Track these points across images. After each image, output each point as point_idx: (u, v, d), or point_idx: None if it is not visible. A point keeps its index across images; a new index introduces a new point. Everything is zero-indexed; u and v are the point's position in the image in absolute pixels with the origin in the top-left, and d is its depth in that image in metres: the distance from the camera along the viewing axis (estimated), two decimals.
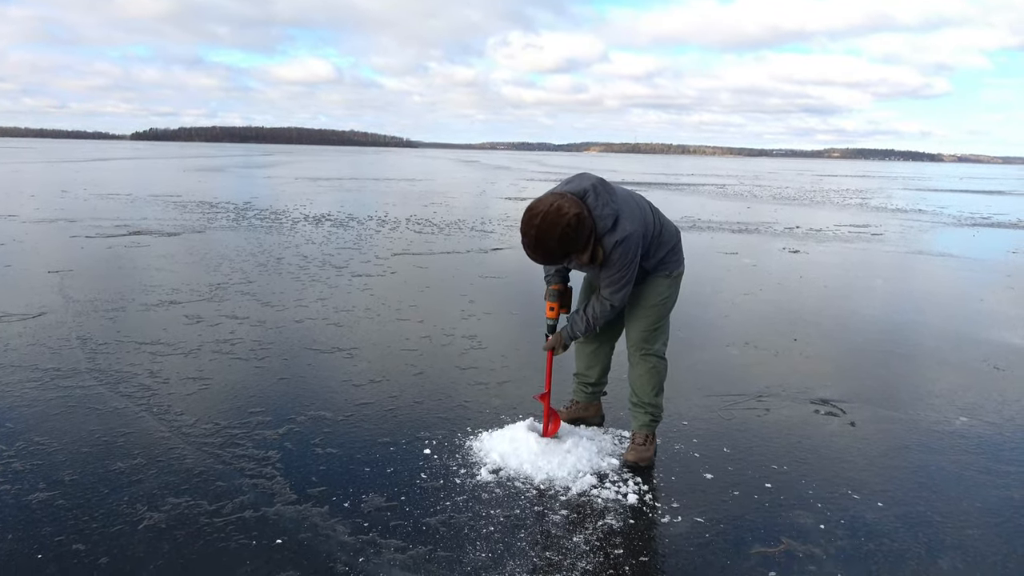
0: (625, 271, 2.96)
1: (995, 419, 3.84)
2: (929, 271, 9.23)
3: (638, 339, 3.23)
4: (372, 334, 5.24)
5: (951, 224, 15.72)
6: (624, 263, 2.94)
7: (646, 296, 3.19)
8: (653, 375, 3.23)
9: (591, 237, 2.85)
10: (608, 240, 2.89)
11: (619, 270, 2.95)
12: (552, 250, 2.81)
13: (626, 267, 2.95)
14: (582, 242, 2.82)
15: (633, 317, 3.24)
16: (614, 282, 2.98)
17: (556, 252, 2.82)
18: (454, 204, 17.55)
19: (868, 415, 3.85)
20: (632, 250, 2.93)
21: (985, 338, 5.63)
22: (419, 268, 8.18)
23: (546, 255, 2.85)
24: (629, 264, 2.95)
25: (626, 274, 2.97)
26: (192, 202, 15.73)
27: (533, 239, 2.80)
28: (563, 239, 2.76)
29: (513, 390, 4.09)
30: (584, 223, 2.79)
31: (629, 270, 2.96)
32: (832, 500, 2.90)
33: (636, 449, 3.22)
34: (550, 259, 2.88)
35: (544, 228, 2.76)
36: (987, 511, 2.85)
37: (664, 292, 3.19)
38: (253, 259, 8.36)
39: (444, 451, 3.26)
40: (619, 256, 2.91)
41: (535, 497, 2.86)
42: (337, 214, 13.94)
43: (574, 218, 2.76)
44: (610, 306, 3.05)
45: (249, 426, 3.48)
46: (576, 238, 2.79)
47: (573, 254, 2.87)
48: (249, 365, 4.42)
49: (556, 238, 2.76)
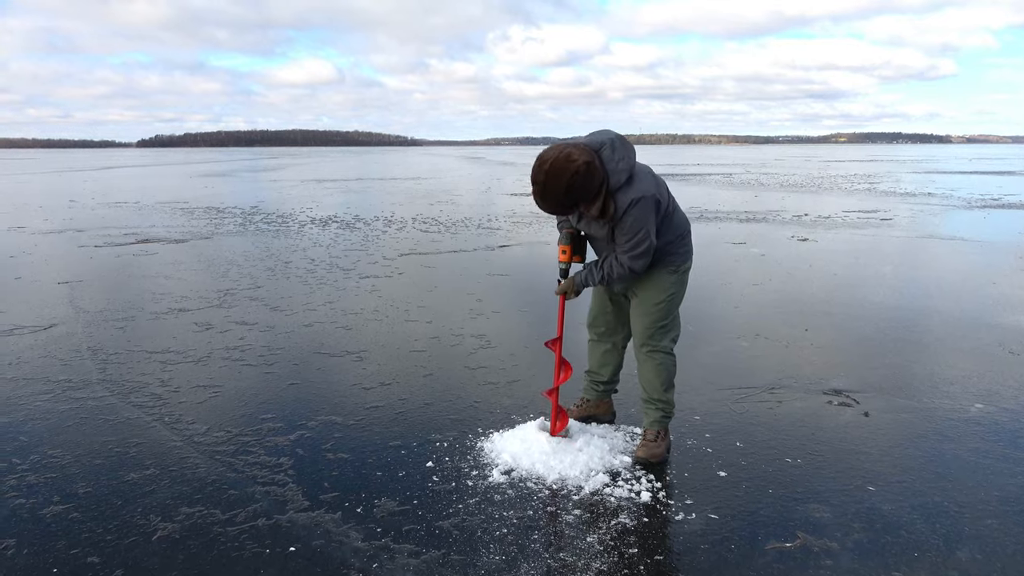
0: (644, 236, 2.90)
1: (1012, 405, 3.80)
2: (940, 255, 9.15)
3: (644, 336, 3.20)
4: (381, 336, 5.24)
5: (961, 207, 15.58)
6: (640, 226, 2.89)
7: (651, 293, 3.15)
8: (661, 371, 3.20)
9: (602, 188, 2.82)
10: (622, 197, 2.85)
11: (636, 234, 2.89)
12: (560, 198, 2.79)
13: (644, 231, 2.90)
14: (591, 192, 2.80)
15: (638, 314, 3.21)
16: (633, 247, 2.93)
17: (564, 200, 2.80)
18: (460, 202, 17.53)
19: (882, 405, 3.82)
20: (647, 213, 2.89)
21: (999, 322, 5.57)
22: (426, 268, 8.17)
23: (554, 204, 2.83)
24: (646, 228, 2.90)
25: (645, 239, 2.91)
26: (199, 208, 15.79)
27: (541, 186, 2.79)
28: (571, 187, 2.75)
29: (523, 389, 4.08)
30: (594, 173, 2.76)
31: (647, 235, 2.91)
32: (847, 492, 2.87)
33: (647, 445, 3.20)
34: (558, 208, 2.86)
35: (552, 175, 2.75)
36: (1005, 500, 2.82)
37: (670, 288, 3.14)
38: (261, 264, 8.38)
39: (455, 453, 3.25)
40: (634, 218, 2.86)
41: (548, 497, 2.85)
42: (343, 215, 13.95)
43: (583, 166, 2.74)
44: (628, 270, 2.99)
45: (260, 433, 3.48)
46: (585, 186, 2.76)
47: (582, 204, 2.85)
48: (259, 371, 4.43)
49: (564, 186, 2.75)
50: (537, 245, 9.99)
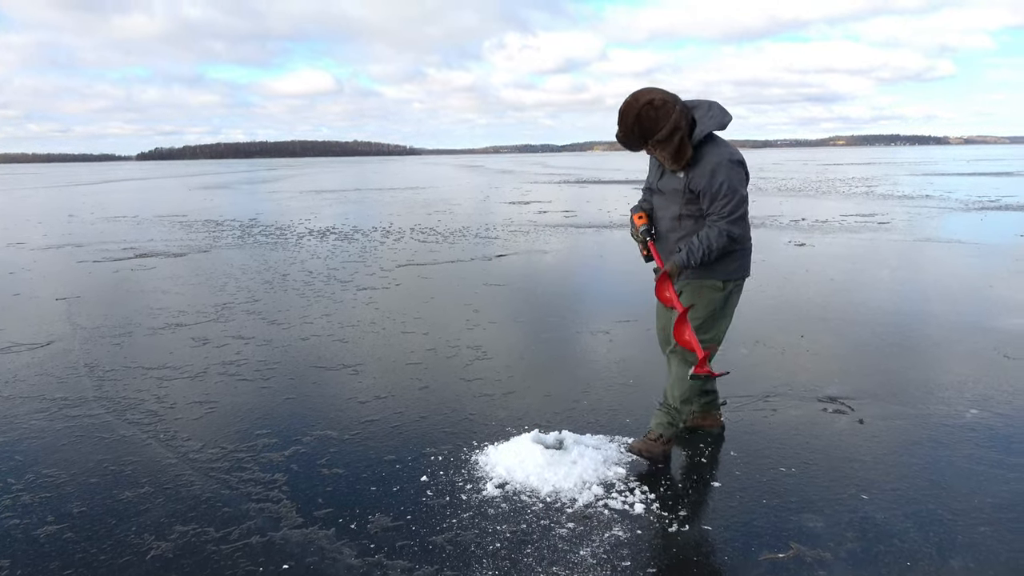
0: (741, 200, 2.94)
1: (1006, 410, 3.80)
2: (937, 259, 9.16)
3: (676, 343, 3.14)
4: (377, 349, 5.25)
5: (959, 209, 15.60)
6: (736, 187, 2.92)
7: (695, 304, 3.11)
8: (682, 383, 3.17)
9: (676, 131, 2.87)
10: (710, 151, 2.92)
11: (733, 197, 2.92)
12: (630, 128, 2.90)
13: (740, 195, 2.94)
14: (662, 129, 2.85)
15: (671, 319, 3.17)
16: (732, 210, 2.94)
17: (634, 131, 2.90)
18: (458, 211, 17.56)
19: (876, 411, 3.82)
20: (741, 176, 2.94)
21: (994, 326, 5.57)
22: (423, 279, 8.19)
23: (625, 133, 2.93)
24: (741, 192, 2.94)
25: (742, 202, 2.95)
26: (198, 221, 15.82)
27: (620, 113, 2.91)
28: (640, 118, 2.86)
29: (518, 401, 4.09)
30: (668, 110, 2.85)
31: (744, 199, 2.95)
32: (841, 501, 2.88)
33: (645, 441, 3.22)
34: (628, 138, 2.94)
35: (627, 104, 2.90)
36: (999, 507, 2.81)
37: (711, 305, 3.11)
38: (259, 277, 8.39)
39: (450, 467, 3.25)
40: (729, 180, 2.90)
41: (541, 511, 2.85)
42: (341, 227, 13.98)
43: (657, 100, 2.86)
44: (728, 236, 2.96)
45: (255, 449, 3.49)
46: (654, 119, 2.85)
47: (651, 139, 2.89)
48: (255, 386, 4.44)
49: (634, 115, 2.87)
50: (535, 254, 10.01)
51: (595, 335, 5.53)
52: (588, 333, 5.61)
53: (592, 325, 5.84)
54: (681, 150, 2.91)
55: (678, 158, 2.93)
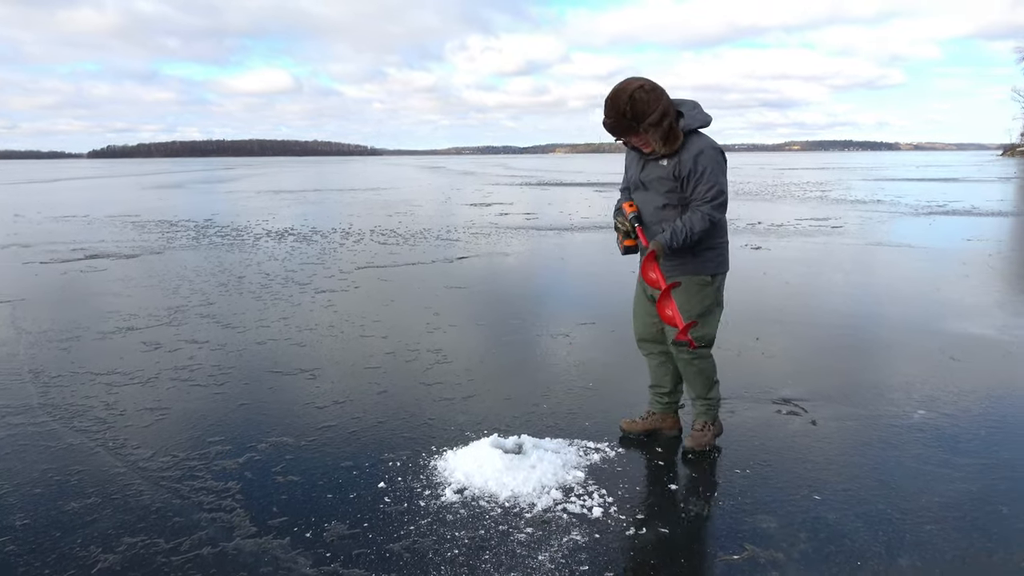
0: (723, 187, 3.06)
1: (952, 411, 3.91)
2: (888, 262, 9.41)
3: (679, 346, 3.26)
4: (335, 353, 5.18)
5: (908, 213, 16.05)
6: (717, 173, 3.05)
7: (688, 304, 3.18)
8: (701, 375, 3.36)
9: (666, 116, 2.97)
10: (695, 139, 3.05)
11: (715, 183, 3.04)
12: (622, 110, 2.95)
13: (720, 178, 3.06)
14: (651, 111, 2.94)
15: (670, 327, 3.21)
16: (715, 196, 3.05)
17: (626, 113, 2.95)
18: (419, 213, 17.47)
19: (829, 413, 3.90)
20: (723, 165, 3.08)
21: (941, 328, 5.74)
22: (383, 281, 8.12)
23: (616, 116, 2.98)
24: (721, 175, 3.07)
25: (724, 190, 3.07)
26: (151, 221, 15.45)
27: (609, 98, 2.99)
28: (633, 100, 2.94)
29: (478, 405, 4.07)
30: (659, 96, 2.96)
31: (725, 187, 3.07)
32: (794, 502, 2.93)
33: (694, 436, 3.41)
34: (620, 122, 2.99)
35: (619, 88, 2.99)
36: (945, 506, 2.89)
37: (705, 300, 3.23)
38: (214, 279, 8.23)
39: (408, 472, 3.22)
40: (713, 167, 3.02)
41: (500, 516, 2.84)
42: (300, 228, 13.79)
43: (648, 85, 2.97)
44: (709, 221, 3.06)
45: (208, 457, 3.41)
46: (647, 102, 2.94)
47: (642, 125, 2.96)
48: (209, 392, 4.34)
49: (627, 97, 2.94)
50: (496, 256, 10.00)
51: (555, 338, 5.55)
52: (548, 336, 5.62)
53: (552, 328, 5.85)
54: (672, 133, 3.02)
55: (670, 141, 3.03)
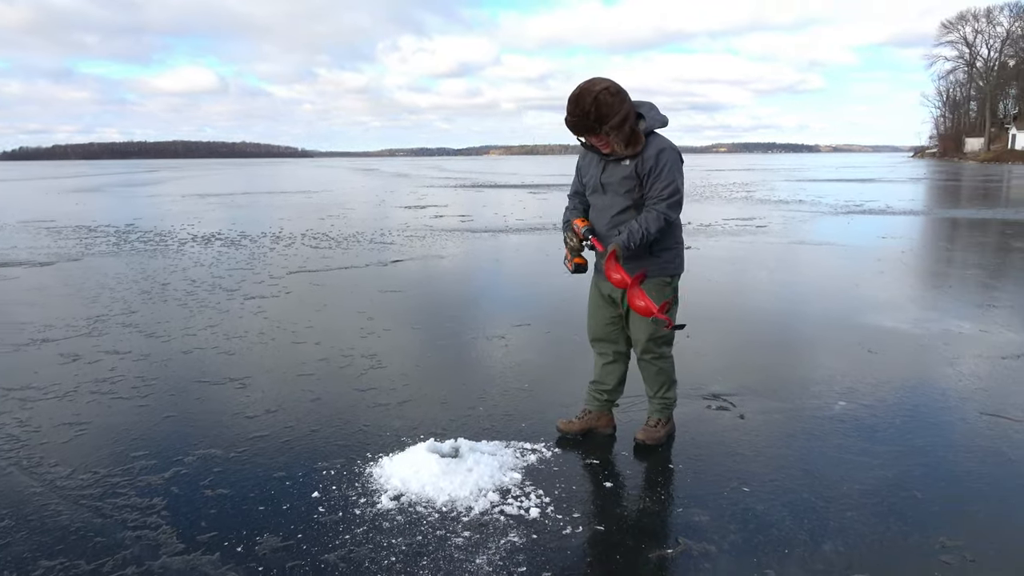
0: (678, 186, 3.15)
1: (870, 401, 4.10)
2: (810, 260, 9.79)
3: (645, 345, 3.41)
4: (266, 360, 5.06)
5: (828, 213, 16.73)
6: (676, 173, 3.15)
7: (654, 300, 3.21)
8: (662, 375, 3.49)
9: (627, 121, 3.05)
10: (655, 140, 3.14)
11: (672, 182, 3.12)
12: (587, 110, 3.00)
13: (677, 177, 3.15)
14: (616, 112, 3.00)
15: (639, 327, 3.37)
16: (671, 194, 3.14)
17: (590, 114, 3.00)
18: (352, 216, 17.22)
19: (757, 407, 4.03)
20: (680, 165, 3.17)
21: (860, 322, 6.00)
22: (316, 286, 7.97)
23: (580, 115, 3.02)
24: (679, 179, 3.16)
25: (679, 189, 3.16)
26: (68, 227, 14.75)
27: (573, 97, 3.03)
28: (598, 102, 2.99)
29: (414, 409, 4.04)
30: (623, 99, 3.04)
31: (680, 186, 3.16)
32: (724, 495, 3.01)
33: (647, 430, 3.52)
34: (582, 122, 3.03)
35: (584, 88, 3.03)
36: (865, 492, 3.03)
37: (667, 298, 3.31)
38: (136, 286, 7.91)
39: (343, 481, 3.17)
40: (670, 166, 3.12)
41: (437, 521, 2.83)
42: (228, 232, 13.41)
43: (613, 88, 3.03)
44: (664, 220, 3.14)
45: (132, 472, 3.28)
46: (611, 105, 3.00)
47: (604, 127, 3.02)
48: (132, 404, 4.17)
49: (592, 99, 2.99)
50: (431, 259, 9.95)
51: (491, 340, 5.55)
52: (484, 338, 5.62)
53: (488, 330, 5.86)
54: (634, 136, 3.10)
55: (632, 143, 3.11)
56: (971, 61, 77.56)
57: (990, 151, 68.08)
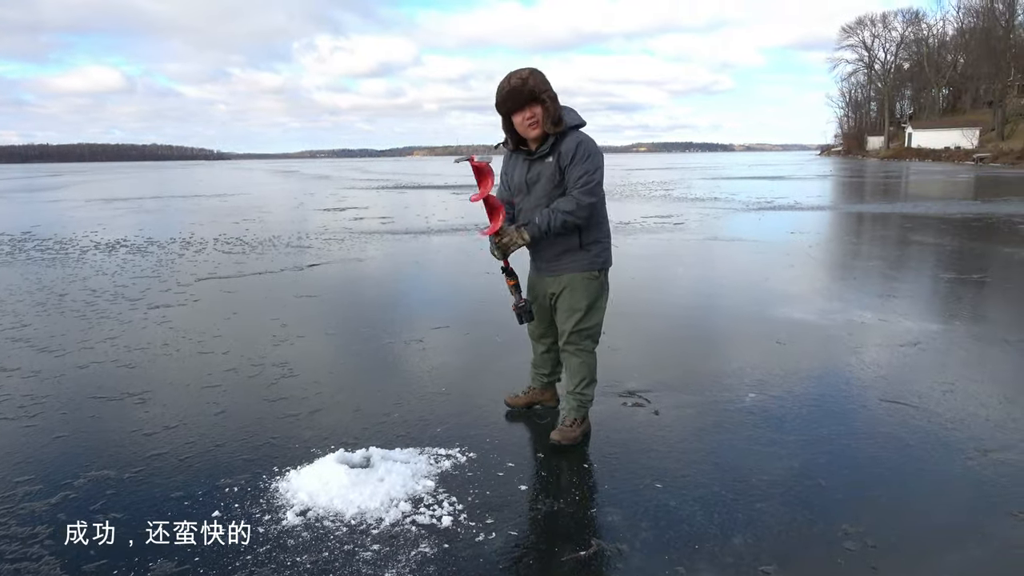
0: (597, 174, 3.24)
1: (779, 392, 4.20)
2: (723, 256, 10.06)
3: (567, 336, 3.49)
4: (169, 373, 4.80)
5: (741, 209, 17.28)
6: (596, 162, 3.24)
7: (575, 298, 3.42)
8: (582, 368, 3.52)
9: (554, 105, 3.19)
10: (573, 135, 3.25)
11: (591, 171, 3.22)
12: (524, 79, 3.14)
13: (597, 169, 3.25)
14: (546, 89, 3.16)
15: (562, 318, 3.49)
16: (587, 181, 3.22)
17: (527, 82, 3.14)
18: (268, 219, 16.71)
19: (671, 402, 4.08)
20: (599, 155, 3.26)
21: (770, 315, 6.18)
22: (227, 293, 7.65)
23: (519, 82, 3.14)
24: (599, 166, 3.25)
25: (596, 176, 3.24)
26: None
27: (506, 77, 3.18)
28: (534, 73, 3.16)
29: (326, 419, 3.90)
30: (550, 86, 3.19)
31: (599, 174, 3.25)
32: (638, 492, 3.02)
33: (562, 430, 3.50)
34: (517, 93, 3.14)
35: (516, 71, 3.19)
36: (773, 483, 3.09)
37: (592, 295, 3.44)
38: (30, 298, 7.42)
39: (247, 498, 3.02)
40: (590, 154, 3.22)
41: (345, 535, 2.72)
42: (134, 239, 12.77)
43: (540, 73, 3.18)
44: (576, 204, 3.22)
45: (14, 500, 3.03)
46: (544, 81, 3.16)
47: (537, 102, 3.16)
48: (18, 425, 3.88)
49: (528, 72, 3.15)
50: (349, 263, 9.73)
51: (408, 344, 5.45)
52: (401, 343, 5.51)
53: (406, 334, 5.74)
54: (559, 117, 3.22)
55: (557, 123, 3.21)
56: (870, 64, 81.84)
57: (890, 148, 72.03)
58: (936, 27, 75.77)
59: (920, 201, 19.22)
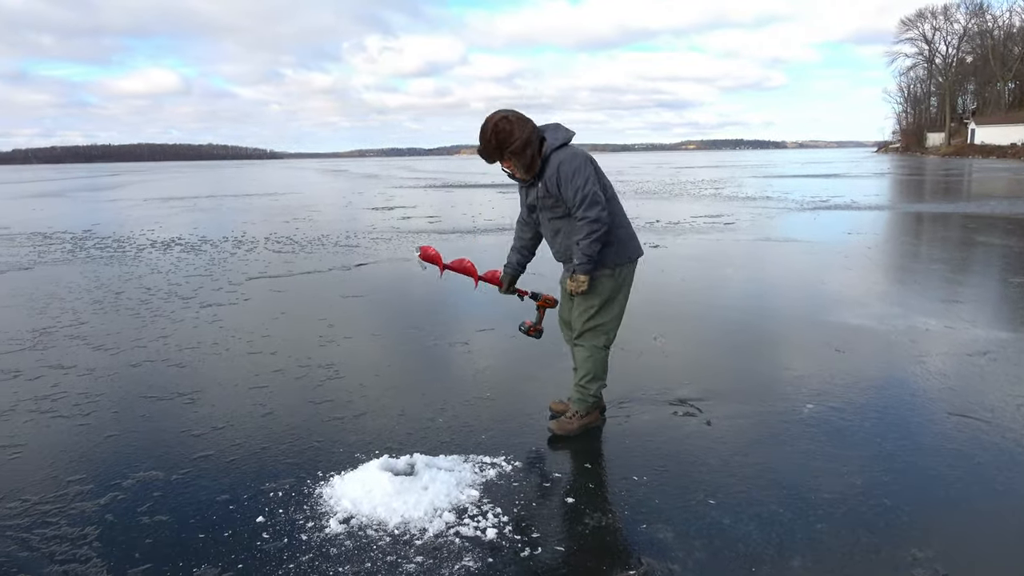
0: (586, 186, 3.26)
1: (838, 403, 4.02)
2: (776, 257, 9.77)
3: (578, 331, 3.56)
4: (219, 372, 4.85)
5: (795, 209, 16.82)
6: (577, 178, 3.26)
7: (590, 293, 3.46)
8: (587, 363, 3.55)
9: (528, 145, 3.28)
10: (553, 158, 3.31)
11: (572, 186, 3.26)
12: (488, 137, 3.28)
13: (584, 180, 3.26)
14: (516, 140, 3.25)
15: (576, 312, 3.56)
16: (581, 199, 3.27)
17: (491, 143, 3.28)
18: (318, 218, 16.93)
19: (723, 412, 3.93)
20: (582, 164, 3.29)
21: (826, 320, 5.96)
22: (276, 292, 7.74)
23: (483, 145, 3.32)
24: (585, 175, 3.26)
25: (586, 187, 3.26)
26: (22, 234, 14.28)
27: (480, 128, 3.32)
28: (497, 129, 3.26)
29: (370, 423, 3.88)
30: (521, 125, 3.27)
31: (588, 183, 3.26)
32: (690, 508, 2.90)
33: (560, 421, 3.62)
34: (486, 149, 3.32)
35: (487, 119, 3.32)
36: (833, 502, 2.93)
37: (605, 292, 3.46)
38: (88, 296, 7.62)
39: (290, 503, 3.00)
40: (572, 169, 3.27)
41: (388, 545, 2.67)
42: (189, 237, 13.06)
43: (512, 116, 3.29)
44: (589, 223, 3.28)
45: (65, 499, 3.08)
46: (508, 132, 3.25)
47: (507, 152, 3.27)
48: (72, 424, 3.95)
49: (491, 127, 3.27)
50: (396, 263, 9.76)
51: (453, 346, 5.40)
52: (446, 345, 5.47)
53: (451, 336, 5.70)
54: (533, 162, 3.33)
55: (530, 168, 3.36)
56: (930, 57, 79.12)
57: (950, 145, 69.47)
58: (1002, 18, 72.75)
59: (985, 200, 18.43)
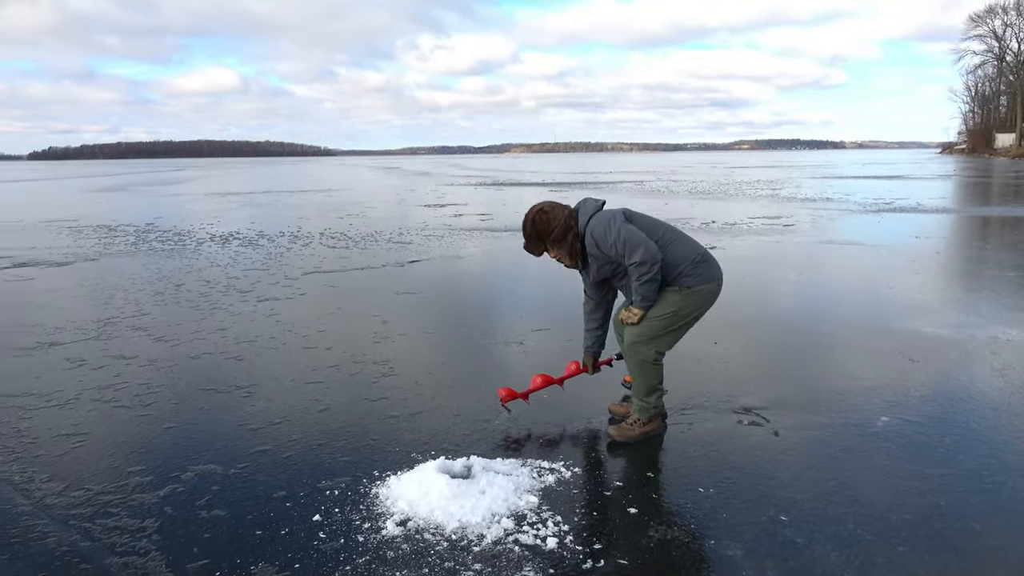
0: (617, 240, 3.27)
1: (915, 416, 3.80)
2: (840, 260, 9.43)
3: (631, 339, 3.48)
4: (275, 367, 4.87)
5: (857, 211, 16.27)
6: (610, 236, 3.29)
7: (656, 307, 3.42)
8: (638, 374, 3.50)
9: (569, 230, 3.41)
10: (588, 228, 3.39)
11: (613, 247, 3.30)
12: (529, 234, 3.47)
13: (615, 237, 3.28)
14: (551, 230, 3.40)
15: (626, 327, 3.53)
16: (620, 251, 3.29)
17: (532, 236, 3.46)
18: (371, 215, 17.08)
19: (791, 422, 3.75)
20: (612, 221, 3.33)
21: (897, 327, 5.68)
22: (331, 287, 7.79)
23: (526, 240, 3.51)
24: (616, 228, 3.29)
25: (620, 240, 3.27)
26: (88, 227, 14.77)
27: (523, 223, 3.51)
28: (534, 222, 3.44)
29: (426, 422, 3.82)
30: (556, 213, 3.43)
31: (620, 235, 3.27)
32: (760, 525, 2.75)
33: (621, 427, 3.56)
34: (530, 242, 3.50)
35: (525, 215, 3.50)
36: (915, 523, 2.75)
37: (670, 307, 3.41)
38: (150, 287, 7.80)
39: (347, 502, 2.96)
40: (601, 236, 3.32)
41: (446, 550, 2.60)
42: (246, 232, 13.31)
43: (547, 205, 3.48)
44: (635, 271, 3.29)
45: (126, 490, 3.09)
46: (546, 223, 3.41)
47: (549, 240, 3.43)
48: (133, 414, 4.00)
49: (530, 223, 3.46)
50: (449, 260, 9.75)
51: (508, 346, 5.32)
52: (502, 344, 5.39)
53: (506, 335, 5.63)
54: (574, 249, 3.43)
55: (574, 256, 3.46)
56: (1000, 55, 75.78)
57: (1021, 147, 66.47)
58: None
59: None
